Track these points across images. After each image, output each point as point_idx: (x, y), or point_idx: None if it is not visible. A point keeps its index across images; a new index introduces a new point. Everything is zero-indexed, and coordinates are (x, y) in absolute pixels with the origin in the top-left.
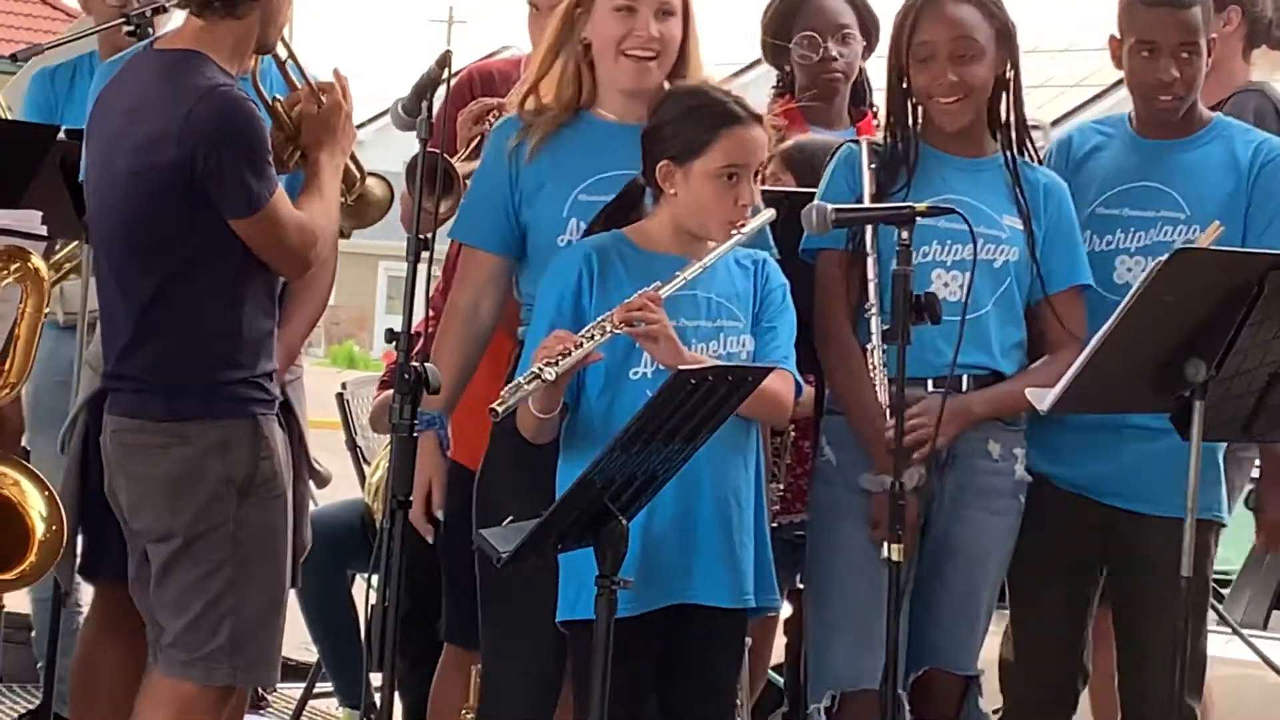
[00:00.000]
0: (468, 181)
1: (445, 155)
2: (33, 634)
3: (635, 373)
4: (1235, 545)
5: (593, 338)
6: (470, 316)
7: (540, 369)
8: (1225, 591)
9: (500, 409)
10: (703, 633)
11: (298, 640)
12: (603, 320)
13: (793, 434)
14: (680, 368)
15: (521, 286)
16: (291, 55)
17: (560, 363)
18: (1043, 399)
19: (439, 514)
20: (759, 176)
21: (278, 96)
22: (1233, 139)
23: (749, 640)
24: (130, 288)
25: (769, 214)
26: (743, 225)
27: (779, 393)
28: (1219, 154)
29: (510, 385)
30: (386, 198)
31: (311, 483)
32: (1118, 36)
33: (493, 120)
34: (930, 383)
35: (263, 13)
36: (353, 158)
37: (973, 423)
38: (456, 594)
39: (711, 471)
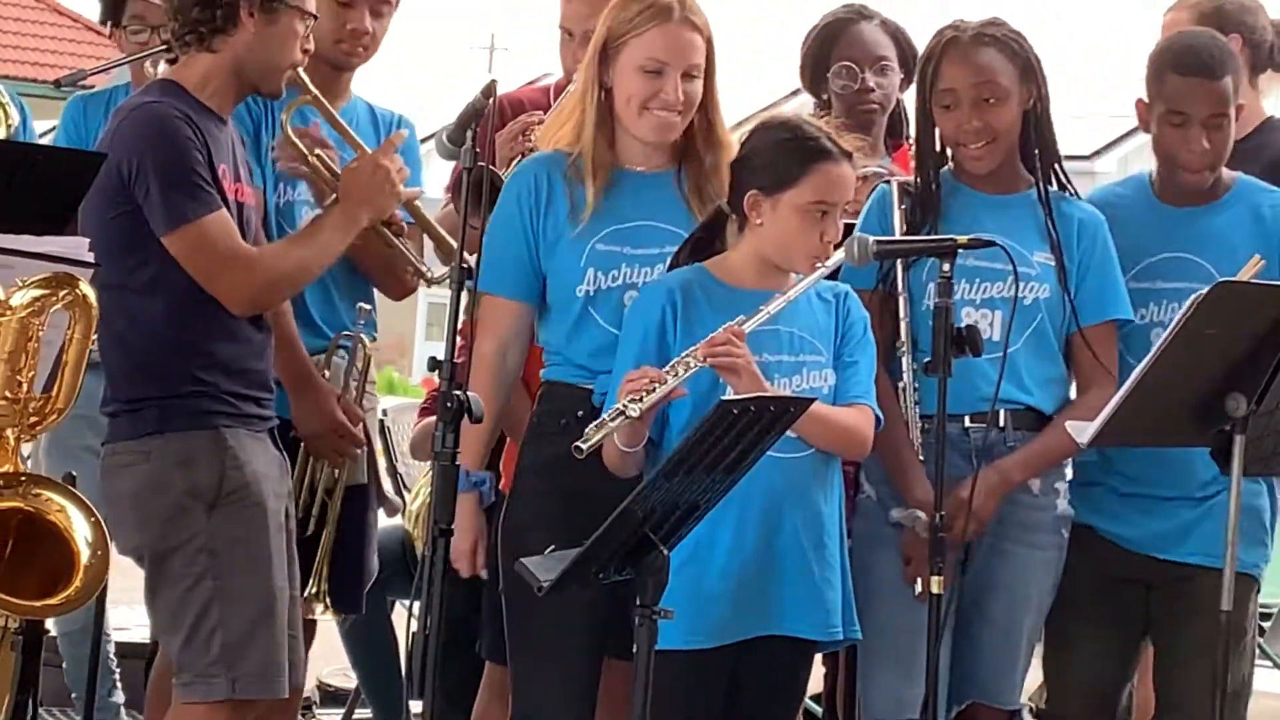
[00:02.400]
0: None
1: (493, 169)
2: (64, 665)
3: None
4: (1277, 580)
5: (677, 373)
6: (498, 366)
7: (625, 405)
8: (1267, 625)
9: (585, 446)
10: (776, 664)
11: (337, 666)
12: (686, 355)
13: None
14: (723, 398)
15: (540, 335)
16: (327, 113)
17: (645, 398)
18: (1083, 432)
19: (483, 573)
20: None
21: (318, 153)
22: (1258, 200)
23: None
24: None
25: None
26: (824, 260)
27: (859, 427)
28: (1244, 217)
29: (596, 422)
30: None
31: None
32: (1145, 101)
33: (532, 138)
34: (968, 419)
35: (249, 52)
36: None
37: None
38: (497, 612)
39: (798, 505)
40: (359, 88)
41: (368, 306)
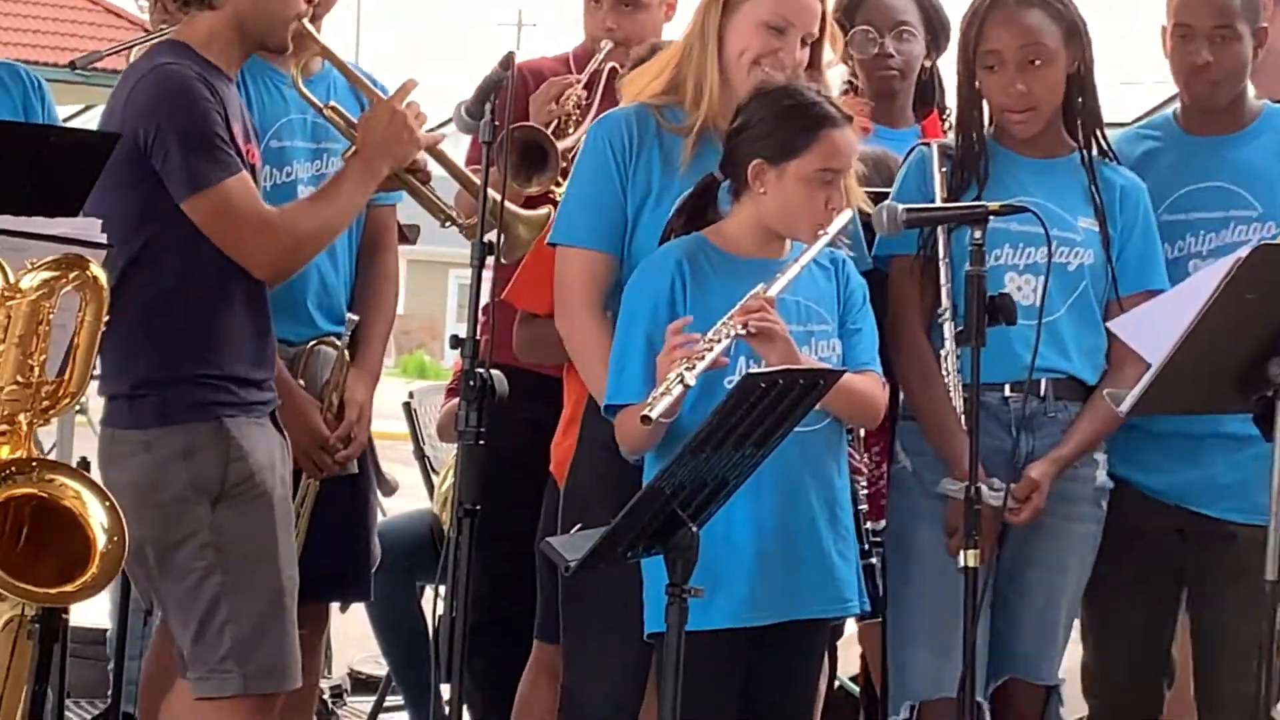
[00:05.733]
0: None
1: (542, 130)
2: (108, 634)
3: (729, 380)
4: None
5: (719, 341)
6: (603, 317)
7: (683, 374)
8: None
9: (654, 414)
10: (797, 642)
11: (368, 654)
12: (723, 324)
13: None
14: (750, 370)
15: (611, 303)
16: (338, 63)
17: (696, 366)
18: (1122, 400)
19: None
20: None
21: (333, 104)
22: None
23: None
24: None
25: (849, 214)
26: (828, 226)
27: (873, 394)
28: (1274, 144)
29: (658, 391)
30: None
31: (379, 493)
32: (1166, 26)
33: (569, 99)
34: (1008, 387)
35: (251, 6)
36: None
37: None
38: (546, 594)
39: (814, 479)
40: (392, 67)
41: (354, 318)
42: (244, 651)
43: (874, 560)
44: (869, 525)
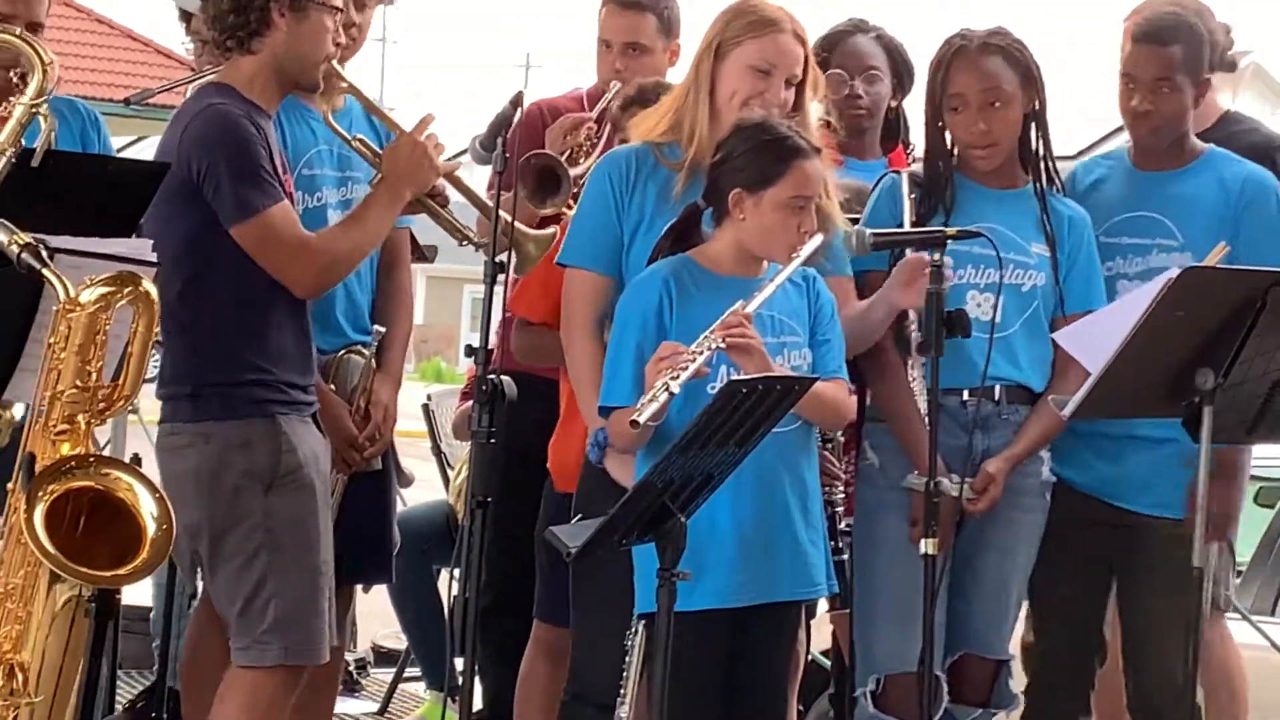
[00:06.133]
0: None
1: (556, 156)
2: (152, 614)
3: (712, 387)
4: (1244, 538)
5: (702, 353)
6: (598, 339)
7: (668, 383)
8: (1236, 581)
9: (641, 419)
10: (774, 621)
11: (389, 630)
12: (705, 338)
13: (843, 438)
14: (732, 377)
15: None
16: (363, 99)
17: (680, 376)
18: (1065, 406)
19: None
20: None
21: (360, 136)
22: (1222, 170)
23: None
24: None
25: (820, 238)
26: (801, 248)
27: (841, 400)
28: (1210, 184)
29: (646, 398)
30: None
31: (398, 485)
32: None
33: (581, 131)
34: (966, 392)
35: (286, 50)
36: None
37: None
38: (549, 579)
39: (789, 474)
40: (412, 103)
41: (381, 329)
42: (284, 626)
43: (845, 556)
44: (845, 523)
